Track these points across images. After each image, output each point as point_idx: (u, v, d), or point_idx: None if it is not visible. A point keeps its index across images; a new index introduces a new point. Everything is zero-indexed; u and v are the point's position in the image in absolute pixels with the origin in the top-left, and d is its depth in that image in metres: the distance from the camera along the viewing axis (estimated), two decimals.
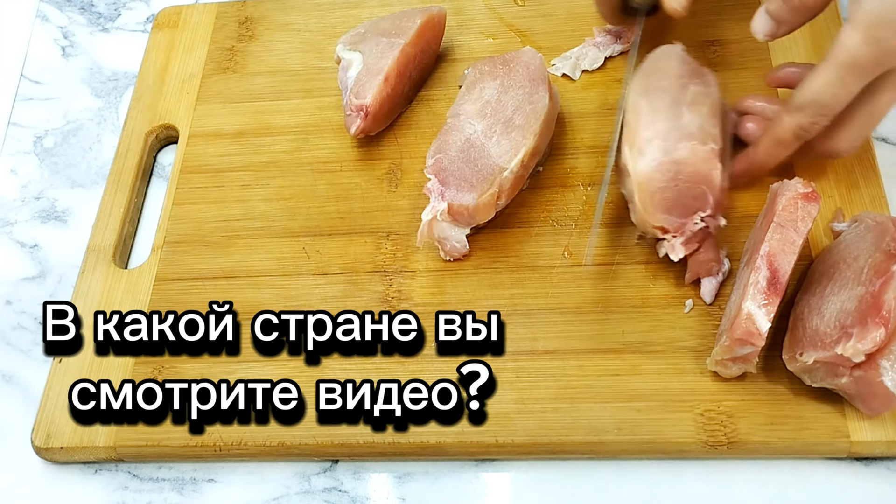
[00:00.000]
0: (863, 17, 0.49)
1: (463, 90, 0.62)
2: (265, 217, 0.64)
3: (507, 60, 0.62)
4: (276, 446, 0.55)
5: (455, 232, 0.58)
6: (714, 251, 0.55)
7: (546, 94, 0.60)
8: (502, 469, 0.55)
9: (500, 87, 0.61)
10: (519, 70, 0.61)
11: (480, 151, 0.58)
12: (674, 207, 0.54)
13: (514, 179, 0.58)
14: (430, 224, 0.57)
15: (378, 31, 0.66)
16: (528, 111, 0.59)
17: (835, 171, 0.60)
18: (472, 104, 0.61)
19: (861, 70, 0.50)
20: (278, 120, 0.69)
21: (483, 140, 0.58)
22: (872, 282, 0.49)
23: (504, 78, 0.61)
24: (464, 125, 0.60)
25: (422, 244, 0.58)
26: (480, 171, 0.57)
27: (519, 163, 0.58)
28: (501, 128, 0.59)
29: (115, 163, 0.69)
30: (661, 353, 0.55)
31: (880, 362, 0.48)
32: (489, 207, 0.58)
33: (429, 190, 0.57)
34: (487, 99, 0.61)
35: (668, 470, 0.53)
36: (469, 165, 0.58)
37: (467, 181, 0.57)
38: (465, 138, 0.59)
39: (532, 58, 0.62)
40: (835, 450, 0.51)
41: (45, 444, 0.57)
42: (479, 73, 0.63)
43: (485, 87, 0.61)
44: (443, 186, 0.57)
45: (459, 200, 0.56)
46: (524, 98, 0.60)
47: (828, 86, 0.52)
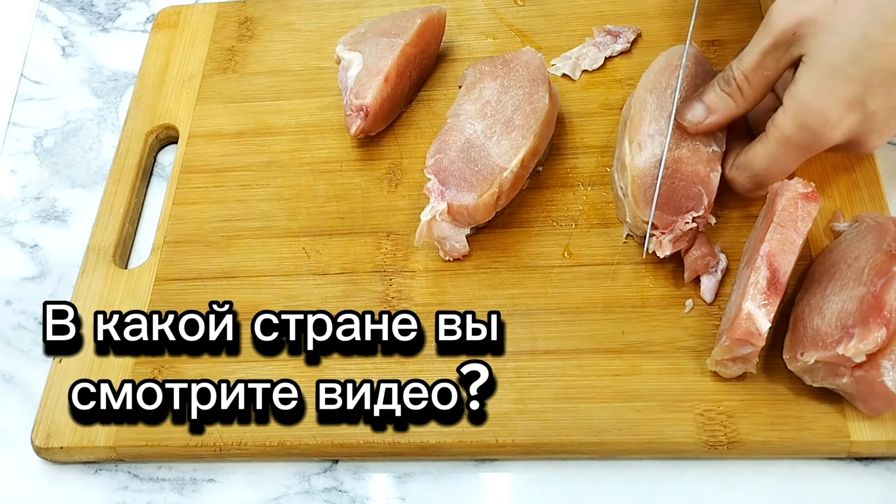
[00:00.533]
0: (793, 104, 0.51)
1: (463, 90, 0.62)
2: (265, 217, 0.64)
3: (507, 60, 0.62)
4: (276, 446, 0.55)
5: (455, 232, 0.58)
6: (707, 246, 0.55)
7: (546, 94, 0.60)
8: (502, 469, 0.55)
9: (500, 87, 0.61)
10: (519, 70, 0.61)
11: (480, 151, 0.58)
12: (666, 204, 0.54)
13: (514, 179, 0.58)
14: (429, 224, 0.57)
15: (378, 32, 0.66)
16: (528, 111, 0.59)
17: (835, 170, 0.60)
18: (472, 104, 0.61)
19: (794, 148, 0.53)
20: (278, 120, 0.69)
21: (483, 140, 0.59)
22: (874, 282, 0.49)
23: (504, 78, 0.61)
24: (464, 125, 0.60)
25: (420, 244, 0.58)
26: (480, 172, 0.57)
27: (519, 163, 0.58)
28: (501, 128, 0.59)
29: (115, 163, 0.69)
30: (661, 353, 0.55)
31: (881, 362, 0.47)
32: (489, 208, 0.58)
33: (429, 190, 0.57)
34: (487, 99, 0.61)
35: (669, 469, 0.53)
36: (469, 165, 0.58)
37: (467, 181, 0.57)
38: (466, 138, 0.59)
39: (532, 58, 0.62)
40: (835, 450, 0.51)
41: (45, 444, 0.57)
42: (478, 73, 0.62)
43: (485, 87, 0.61)
44: (443, 186, 0.57)
45: (459, 200, 0.56)
46: (524, 98, 0.60)
47: (762, 158, 0.54)
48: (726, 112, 0.55)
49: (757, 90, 0.54)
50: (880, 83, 0.49)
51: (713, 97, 0.55)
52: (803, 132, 0.52)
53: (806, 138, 0.52)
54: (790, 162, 0.54)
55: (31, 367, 0.62)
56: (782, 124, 0.52)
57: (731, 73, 0.54)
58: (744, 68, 0.53)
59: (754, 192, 0.57)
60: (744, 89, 0.54)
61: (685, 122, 0.56)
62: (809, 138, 0.52)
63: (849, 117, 0.50)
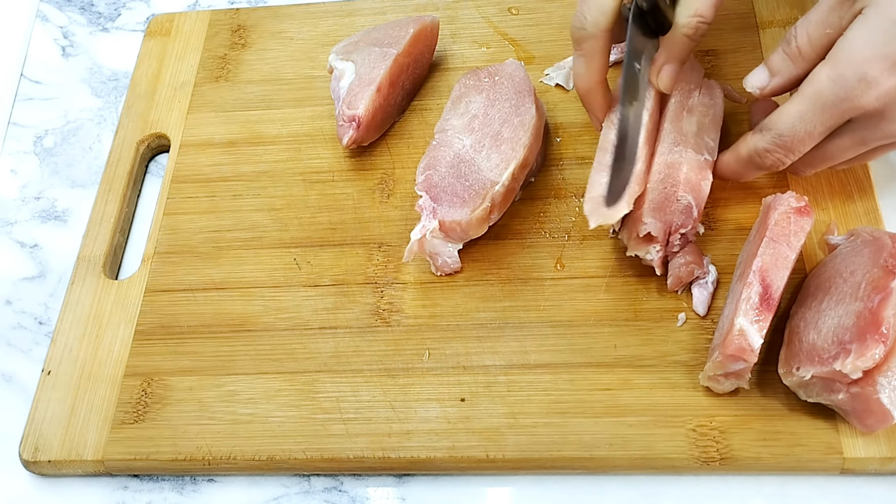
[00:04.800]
0: (834, 55, 0.49)
1: (449, 105, 0.62)
2: (256, 227, 0.64)
3: (492, 73, 0.62)
4: (266, 461, 0.55)
5: (448, 248, 0.58)
6: (694, 255, 0.55)
7: (532, 105, 0.60)
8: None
9: (486, 100, 0.61)
10: (504, 83, 0.61)
11: (471, 166, 0.58)
12: (657, 210, 0.54)
13: (505, 192, 0.58)
14: (420, 242, 0.56)
15: (371, 41, 0.66)
16: (515, 123, 0.59)
17: (829, 183, 0.59)
18: (458, 118, 0.60)
19: (823, 106, 0.50)
20: (270, 129, 0.69)
21: (472, 154, 0.58)
22: (871, 297, 0.48)
23: (489, 91, 0.61)
24: (452, 140, 0.59)
25: (407, 261, 0.58)
26: (472, 186, 0.57)
27: (510, 176, 0.57)
28: (490, 141, 0.59)
29: (106, 172, 0.68)
30: (653, 367, 0.54)
31: (877, 379, 0.47)
32: (482, 222, 0.57)
33: (420, 207, 0.57)
34: (474, 113, 0.60)
35: (661, 485, 0.53)
36: (460, 181, 0.57)
37: (459, 197, 0.57)
38: (455, 153, 0.59)
39: (516, 70, 0.62)
40: (828, 466, 0.51)
41: (32, 458, 0.56)
42: (463, 87, 0.62)
43: (471, 101, 0.61)
44: (434, 203, 0.57)
45: (452, 216, 0.56)
46: (511, 111, 0.60)
47: (789, 116, 0.51)
48: (789, 74, 0.52)
49: (818, 49, 0.51)
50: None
51: (776, 60, 0.53)
52: (836, 85, 0.49)
53: (838, 93, 0.49)
54: (817, 124, 0.50)
55: (31, 367, 0.62)
56: (817, 76, 0.49)
57: (793, 32, 0.52)
58: (809, 25, 0.51)
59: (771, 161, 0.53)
60: (803, 49, 0.51)
61: (749, 88, 0.54)
62: (841, 94, 0.49)
63: (888, 79, 0.48)
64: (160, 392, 0.58)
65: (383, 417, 0.55)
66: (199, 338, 0.60)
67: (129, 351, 0.60)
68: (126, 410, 0.57)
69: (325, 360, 0.57)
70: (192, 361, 0.59)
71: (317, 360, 0.58)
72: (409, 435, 0.54)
